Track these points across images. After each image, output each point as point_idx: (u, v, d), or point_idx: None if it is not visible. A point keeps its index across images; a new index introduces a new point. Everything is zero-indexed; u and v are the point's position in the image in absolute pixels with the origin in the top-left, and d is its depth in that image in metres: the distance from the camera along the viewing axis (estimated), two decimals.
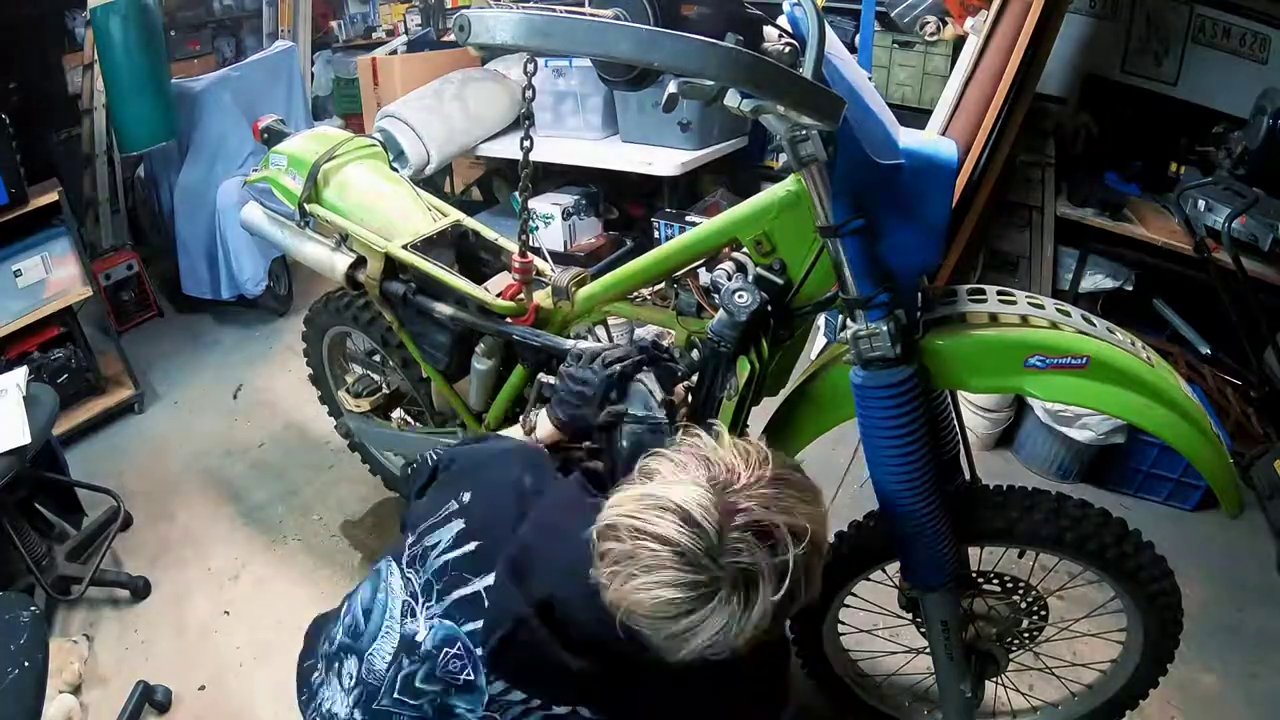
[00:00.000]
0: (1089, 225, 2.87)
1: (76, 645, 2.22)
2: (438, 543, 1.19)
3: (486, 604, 1.11)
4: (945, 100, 2.76)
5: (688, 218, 3.21)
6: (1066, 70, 3.16)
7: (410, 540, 1.24)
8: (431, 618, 1.15)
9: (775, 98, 0.94)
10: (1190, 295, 2.77)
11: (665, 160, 3.21)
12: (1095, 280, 2.98)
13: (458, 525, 1.19)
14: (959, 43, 3.01)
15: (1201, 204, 2.61)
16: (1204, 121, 2.91)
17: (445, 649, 1.12)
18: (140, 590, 2.44)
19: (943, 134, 2.57)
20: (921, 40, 3.15)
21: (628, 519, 0.98)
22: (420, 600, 1.17)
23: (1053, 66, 2.95)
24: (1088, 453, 2.61)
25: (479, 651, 1.10)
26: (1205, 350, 2.68)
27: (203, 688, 2.16)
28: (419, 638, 1.15)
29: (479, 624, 1.10)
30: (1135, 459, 2.57)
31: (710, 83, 0.97)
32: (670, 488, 0.98)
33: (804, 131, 1.07)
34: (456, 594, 1.13)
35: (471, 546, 1.16)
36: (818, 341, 2.98)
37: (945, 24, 3.09)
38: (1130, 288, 2.95)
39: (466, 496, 1.22)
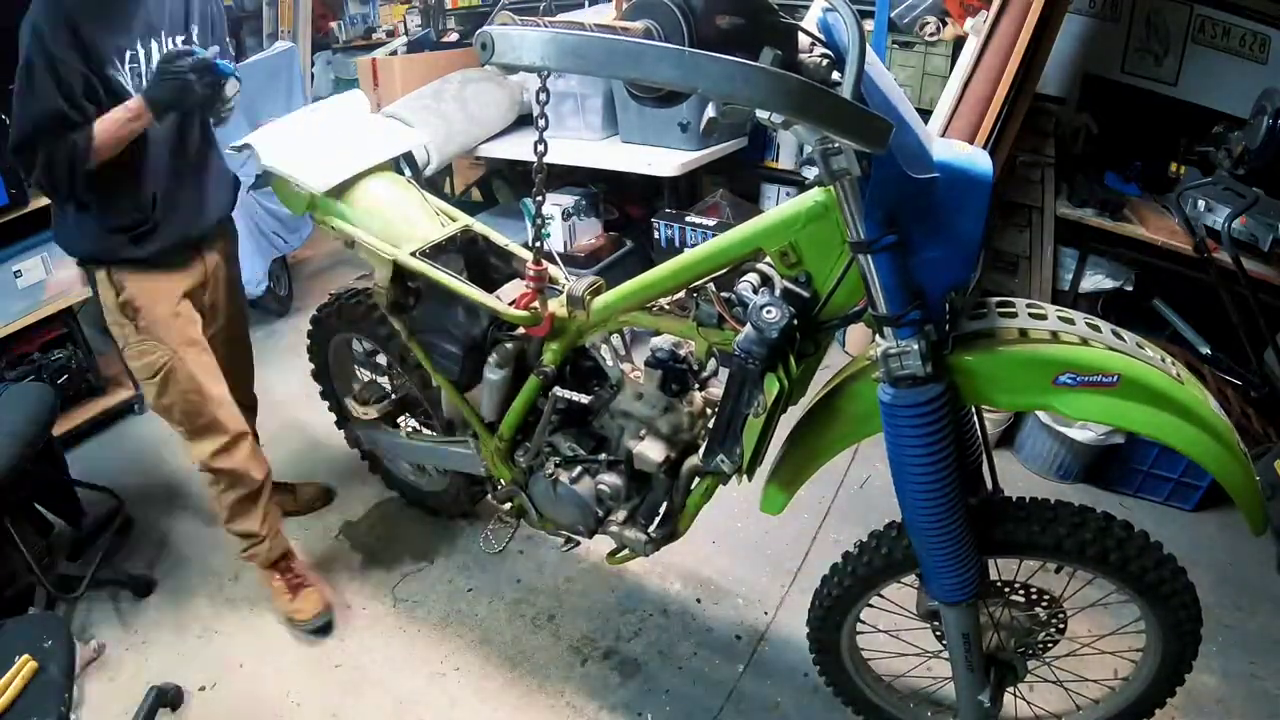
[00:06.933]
0: (1089, 225, 2.88)
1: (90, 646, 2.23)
2: None
3: None
4: (945, 100, 2.76)
5: (688, 218, 3.20)
6: (1066, 70, 3.17)
7: None
8: None
9: (821, 125, 0.91)
10: (1190, 295, 2.78)
11: (665, 160, 3.18)
12: (1095, 280, 2.99)
13: None
14: (959, 43, 3.00)
15: (1201, 204, 2.62)
16: (1204, 121, 2.91)
17: None
18: (141, 590, 2.43)
19: (943, 134, 2.57)
20: (921, 40, 3.14)
21: None
22: None
23: (1053, 66, 2.96)
24: (1088, 453, 2.63)
25: None
26: (1205, 350, 2.71)
27: (204, 688, 2.15)
28: None
29: None
30: (1135, 459, 2.59)
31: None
32: None
33: (836, 144, 1.03)
34: None
35: None
36: None
37: (945, 24, 3.08)
38: (1130, 288, 2.96)
39: None
